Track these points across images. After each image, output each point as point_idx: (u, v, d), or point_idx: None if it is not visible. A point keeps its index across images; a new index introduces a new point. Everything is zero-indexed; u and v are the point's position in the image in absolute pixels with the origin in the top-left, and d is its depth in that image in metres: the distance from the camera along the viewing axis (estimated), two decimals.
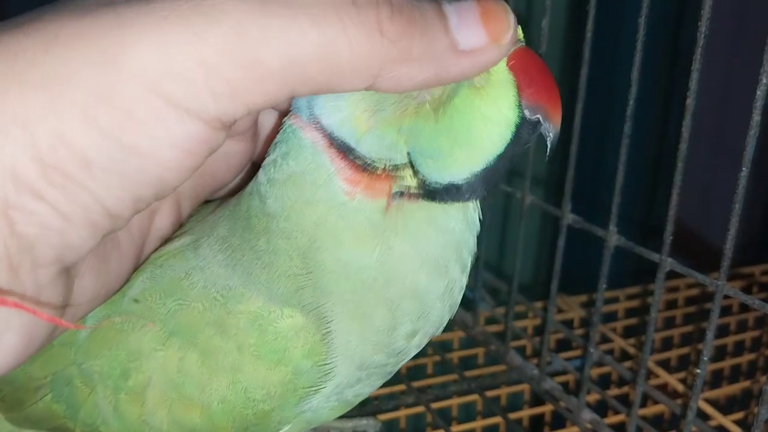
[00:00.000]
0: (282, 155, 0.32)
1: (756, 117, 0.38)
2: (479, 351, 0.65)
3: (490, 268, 0.33)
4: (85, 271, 0.29)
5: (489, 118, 0.30)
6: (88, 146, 0.24)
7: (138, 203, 0.26)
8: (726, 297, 0.42)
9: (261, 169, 0.33)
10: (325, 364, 0.32)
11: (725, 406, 0.62)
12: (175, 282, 0.32)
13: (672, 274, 0.45)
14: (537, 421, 0.63)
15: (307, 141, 0.31)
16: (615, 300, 0.75)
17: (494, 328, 0.67)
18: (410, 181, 0.31)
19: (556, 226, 0.54)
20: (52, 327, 0.28)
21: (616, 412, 0.55)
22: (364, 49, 0.25)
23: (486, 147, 0.31)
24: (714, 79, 1.04)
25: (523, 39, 0.31)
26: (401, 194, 0.31)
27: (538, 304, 0.68)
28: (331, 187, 0.31)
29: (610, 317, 0.72)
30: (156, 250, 0.34)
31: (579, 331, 0.68)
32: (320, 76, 0.25)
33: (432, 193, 0.32)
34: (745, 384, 0.64)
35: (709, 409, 0.54)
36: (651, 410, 0.57)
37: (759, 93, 0.37)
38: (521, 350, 0.64)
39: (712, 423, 0.53)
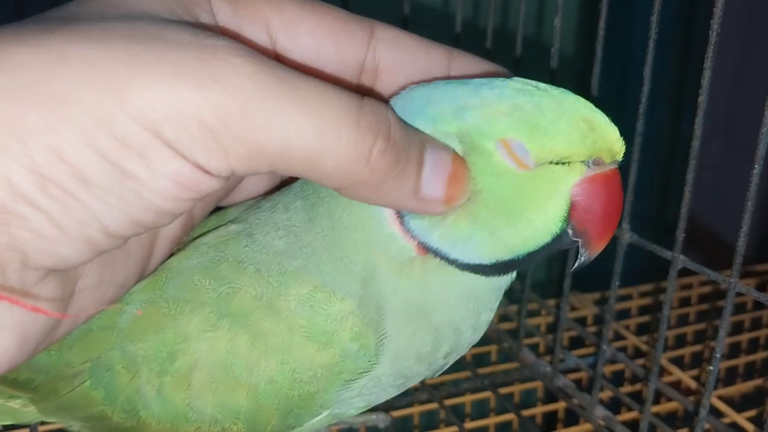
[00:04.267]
0: None
1: None
2: (492, 348, 0.66)
3: None
4: (86, 274, 0.29)
5: (529, 226, 0.31)
6: (87, 165, 0.24)
7: (137, 226, 0.27)
8: (739, 294, 0.42)
9: None
10: (371, 351, 0.33)
11: (739, 404, 0.61)
12: (228, 267, 0.33)
13: (685, 272, 0.46)
14: (550, 418, 0.63)
15: None
16: (628, 297, 0.75)
17: (507, 325, 0.67)
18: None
19: None
20: (49, 326, 0.28)
21: (629, 409, 0.55)
22: (347, 167, 0.27)
23: (519, 248, 0.32)
24: (726, 76, 1.04)
25: (620, 158, 0.32)
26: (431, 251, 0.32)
27: (551, 302, 0.69)
28: (381, 216, 0.32)
29: (623, 315, 0.72)
30: (199, 235, 0.35)
31: (592, 329, 0.68)
32: (301, 169, 0.27)
33: (459, 264, 0.32)
34: (758, 381, 0.64)
35: (722, 407, 0.54)
36: (664, 407, 0.57)
37: None
38: (534, 347, 0.64)
39: (726, 420, 0.53)
